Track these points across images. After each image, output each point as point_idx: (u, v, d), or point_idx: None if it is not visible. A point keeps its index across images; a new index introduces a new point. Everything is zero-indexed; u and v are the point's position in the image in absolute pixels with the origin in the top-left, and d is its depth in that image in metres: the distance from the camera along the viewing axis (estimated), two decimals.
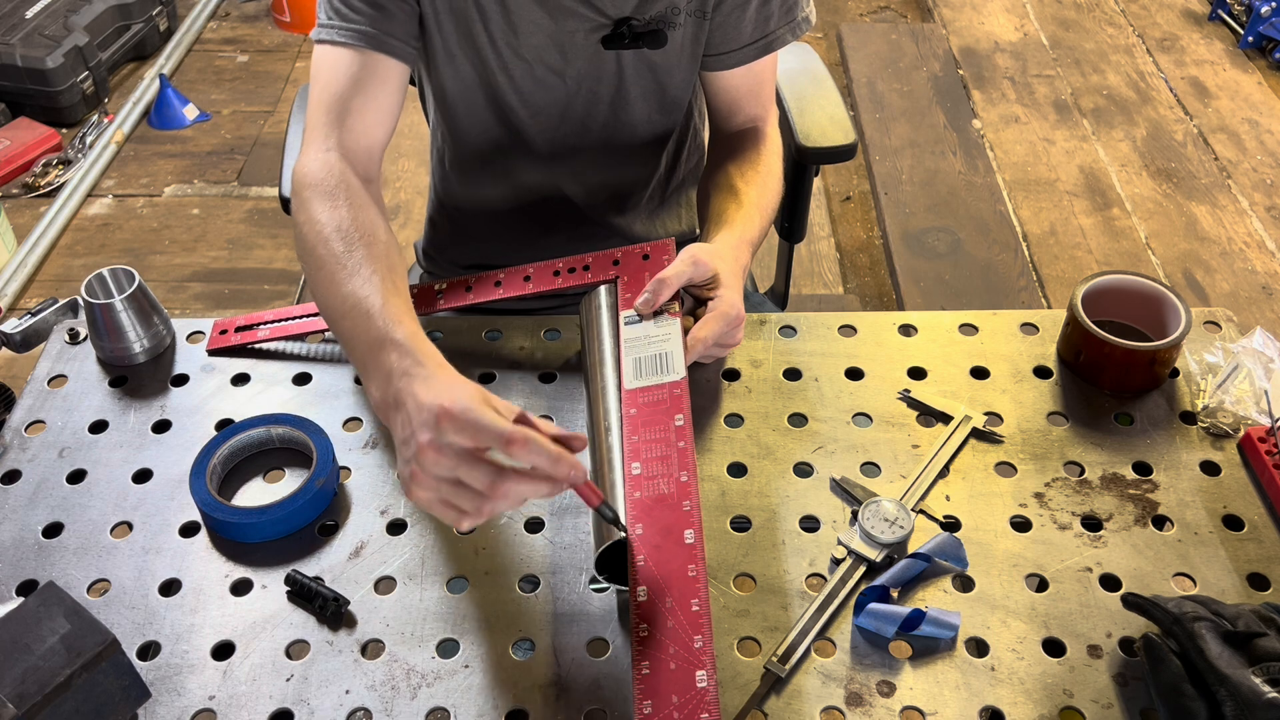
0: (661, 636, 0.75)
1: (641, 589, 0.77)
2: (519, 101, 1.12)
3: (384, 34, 1.00)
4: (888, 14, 3.55)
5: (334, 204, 0.92)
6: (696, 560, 0.78)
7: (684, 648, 0.74)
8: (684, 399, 0.88)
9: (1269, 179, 2.76)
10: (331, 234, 0.89)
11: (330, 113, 0.99)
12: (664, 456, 0.84)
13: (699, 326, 0.93)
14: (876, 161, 2.78)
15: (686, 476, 0.83)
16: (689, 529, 0.79)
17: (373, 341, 0.80)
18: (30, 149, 2.74)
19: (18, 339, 1.04)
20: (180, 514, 0.89)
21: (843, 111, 1.35)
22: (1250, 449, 0.94)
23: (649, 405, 0.88)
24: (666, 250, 1.01)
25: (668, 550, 0.79)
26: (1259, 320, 2.34)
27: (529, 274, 1.04)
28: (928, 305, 2.35)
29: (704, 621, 0.75)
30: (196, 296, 2.42)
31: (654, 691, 0.72)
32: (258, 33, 3.36)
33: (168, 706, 0.77)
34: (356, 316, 0.83)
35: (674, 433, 0.86)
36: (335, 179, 0.94)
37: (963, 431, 0.95)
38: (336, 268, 0.87)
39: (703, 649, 0.73)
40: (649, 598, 0.77)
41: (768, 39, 1.12)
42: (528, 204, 1.23)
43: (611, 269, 1.02)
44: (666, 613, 0.75)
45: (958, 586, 0.85)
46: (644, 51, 1.09)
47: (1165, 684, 0.75)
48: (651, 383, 0.90)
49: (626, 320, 0.96)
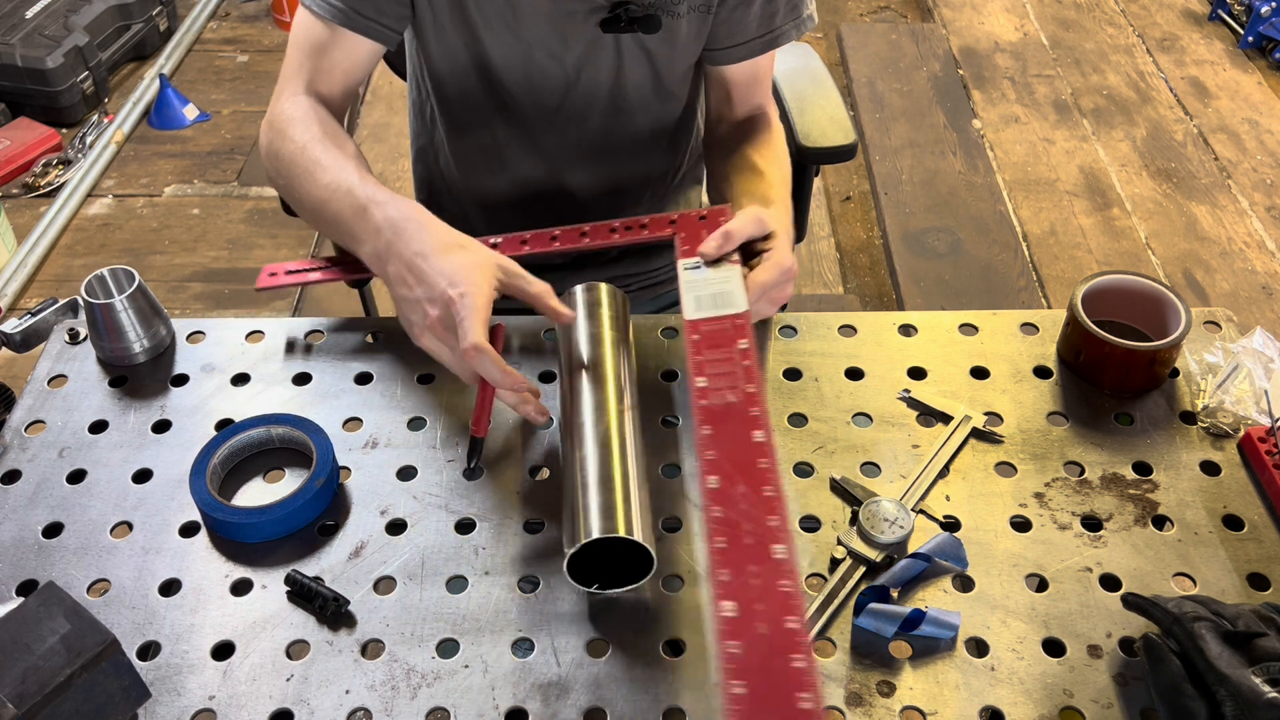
0: (735, 516, 0.76)
1: (713, 478, 0.79)
2: (517, 86, 1.12)
3: (354, 11, 1.04)
4: (888, 14, 3.55)
5: (307, 125, 1.02)
6: (768, 454, 0.80)
7: (759, 525, 0.75)
8: (747, 327, 0.90)
9: (1269, 179, 2.76)
10: (307, 144, 1.00)
11: (300, 71, 1.07)
12: (728, 373, 0.86)
13: (756, 272, 0.95)
14: (876, 161, 2.78)
15: (754, 388, 0.85)
16: (758, 430, 0.82)
17: (356, 209, 0.92)
18: (30, 149, 2.74)
19: (18, 339, 1.04)
20: (180, 514, 0.89)
21: (843, 111, 1.35)
22: (1250, 449, 0.94)
23: (712, 332, 0.91)
24: (723, 214, 1.03)
25: (739, 448, 0.81)
26: (1259, 320, 2.34)
27: (585, 231, 1.07)
28: (928, 305, 2.36)
29: (778, 504, 0.76)
30: (196, 296, 2.42)
31: (730, 562, 0.73)
32: (258, 33, 3.36)
33: (168, 706, 0.77)
34: (338, 196, 0.94)
35: (738, 354, 0.88)
36: (305, 110, 1.04)
37: (963, 431, 0.95)
38: (314, 168, 0.98)
39: (779, 527, 0.75)
40: (720, 485, 0.78)
41: (773, 34, 1.13)
42: (526, 197, 1.22)
43: (668, 227, 1.04)
44: (739, 497, 0.77)
45: (958, 586, 0.85)
46: (642, 40, 1.09)
47: (1165, 684, 0.75)
48: (712, 314, 0.92)
49: (686, 266, 0.98)
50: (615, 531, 0.79)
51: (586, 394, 0.90)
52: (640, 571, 0.82)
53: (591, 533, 0.79)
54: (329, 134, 1.02)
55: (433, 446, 0.95)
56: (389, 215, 0.91)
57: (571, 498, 0.83)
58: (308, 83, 1.07)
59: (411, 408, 0.98)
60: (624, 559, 0.82)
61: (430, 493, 0.91)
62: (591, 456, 0.85)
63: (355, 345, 1.05)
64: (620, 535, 0.79)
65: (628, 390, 0.91)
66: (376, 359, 1.03)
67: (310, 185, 0.98)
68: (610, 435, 0.86)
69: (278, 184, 1.06)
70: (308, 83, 1.07)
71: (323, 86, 1.08)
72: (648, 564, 0.81)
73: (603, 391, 0.90)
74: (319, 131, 1.01)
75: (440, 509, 0.90)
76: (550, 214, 1.24)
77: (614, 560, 0.82)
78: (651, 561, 0.81)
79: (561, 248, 1.06)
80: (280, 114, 1.05)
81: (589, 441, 0.86)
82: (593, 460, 0.84)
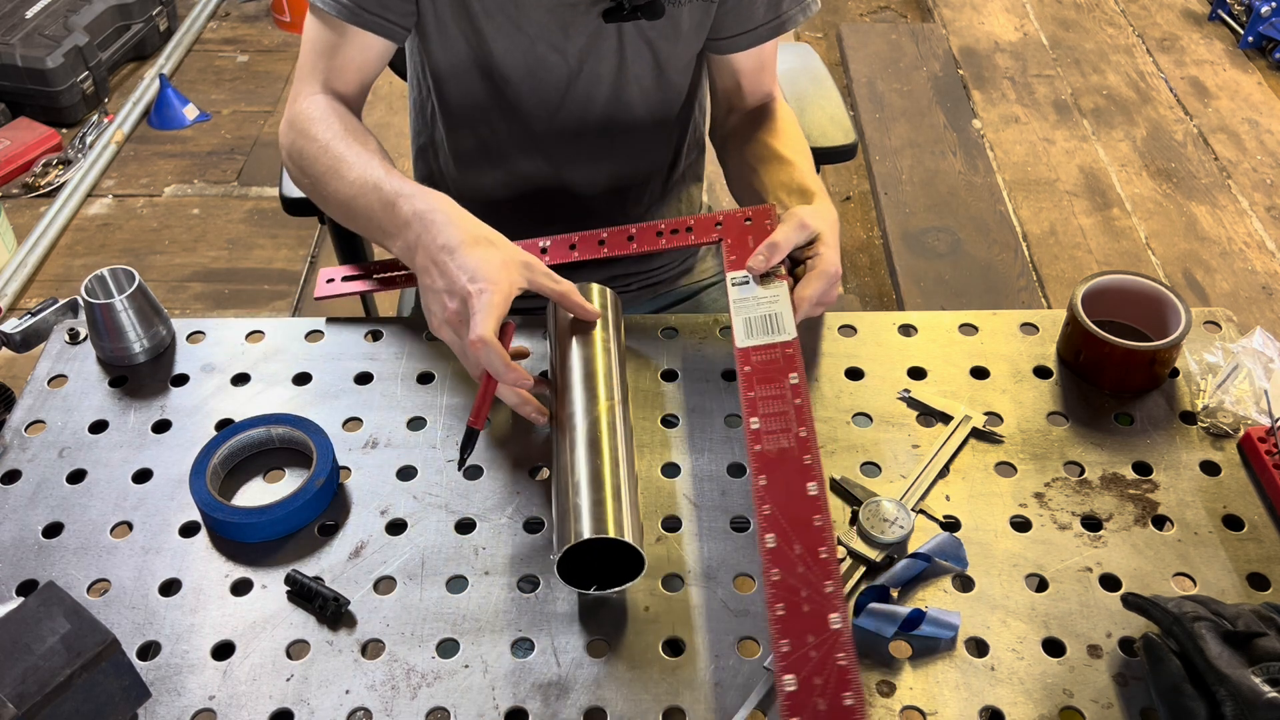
0: (793, 581, 0.77)
1: (770, 536, 0.80)
2: (519, 81, 1.12)
3: (361, 8, 1.05)
4: (888, 14, 3.55)
5: (328, 123, 1.03)
6: (822, 510, 0.81)
7: (816, 591, 0.76)
8: (796, 358, 0.91)
9: (1269, 179, 2.76)
10: (329, 141, 1.01)
11: (315, 72, 1.08)
12: (781, 413, 0.87)
13: (802, 285, 0.96)
14: (876, 161, 2.78)
15: (805, 432, 0.86)
16: (812, 482, 0.82)
17: (385, 204, 0.93)
18: (30, 149, 2.74)
19: (18, 339, 1.04)
20: (180, 514, 0.89)
21: (843, 111, 1.35)
22: (1250, 449, 0.94)
23: (763, 364, 0.92)
24: (768, 215, 1.04)
25: (793, 502, 0.81)
26: (1259, 320, 2.34)
27: (632, 234, 1.07)
28: (928, 305, 2.36)
29: (832, 568, 0.77)
30: (196, 296, 2.42)
31: (790, 631, 0.75)
32: (258, 33, 3.36)
33: (168, 706, 0.77)
34: (366, 192, 0.95)
35: (789, 390, 0.89)
36: (324, 108, 1.05)
37: (963, 431, 0.95)
38: (339, 165, 0.99)
39: (834, 594, 0.76)
40: (777, 545, 0.79)
41: (780, 19, 1.13)
42: (527, 194, 1.22)
43: (714, 230, 1.05)
44: (796, 559, 0.78)
45: (958, 586, 0.85)
46: (645, 30, 1.09)
47: (1165, 684, 0.75)
48: (763, 342, 0.93)
49: (734, 282, 0.99)
50: (605, 533, 0.79)
51: (576, 394, 0.90)
52: (631, 571, 0.82)
53: (582, 534, 0.79)
54: (350, 130, 1.02)
55: (433, 446, 0.95)
56: (417, 208, 0.92)
57: (560, 500, 0.83)
58: (323, 82, 1.08)
59: (411, 408, 0.98)
60: (615, 559, 0.82)
61: (430, 493, 0.91)
62: (581, 458, 0.85)
63: (355, 345, 1.05)
64: (610, 536, 0.79)
65: (617, 390, 0.91)
66: (376, 359, 1.03)
67: (337, 183, 0.99)
68: (600, 436, 0.86)
69: (303, 184, 1.06)
70: (323, 82, 1.08)
71: (338, 85, 1.08)
72: (638, 564, 0.81)
73: (592, 392, 0.90)
74: (340, 128, 1.02)
75: (440, 509, 0.90)
76: (551, 212, 1.24)
77: (605, 560, 0.82)
78: (641, 561, 0.81)
79: (610, 253, 1.06)
80: (300, 114, 1.05)
81: (579, 443, 0.86)
82: (582, 462, 0.84)
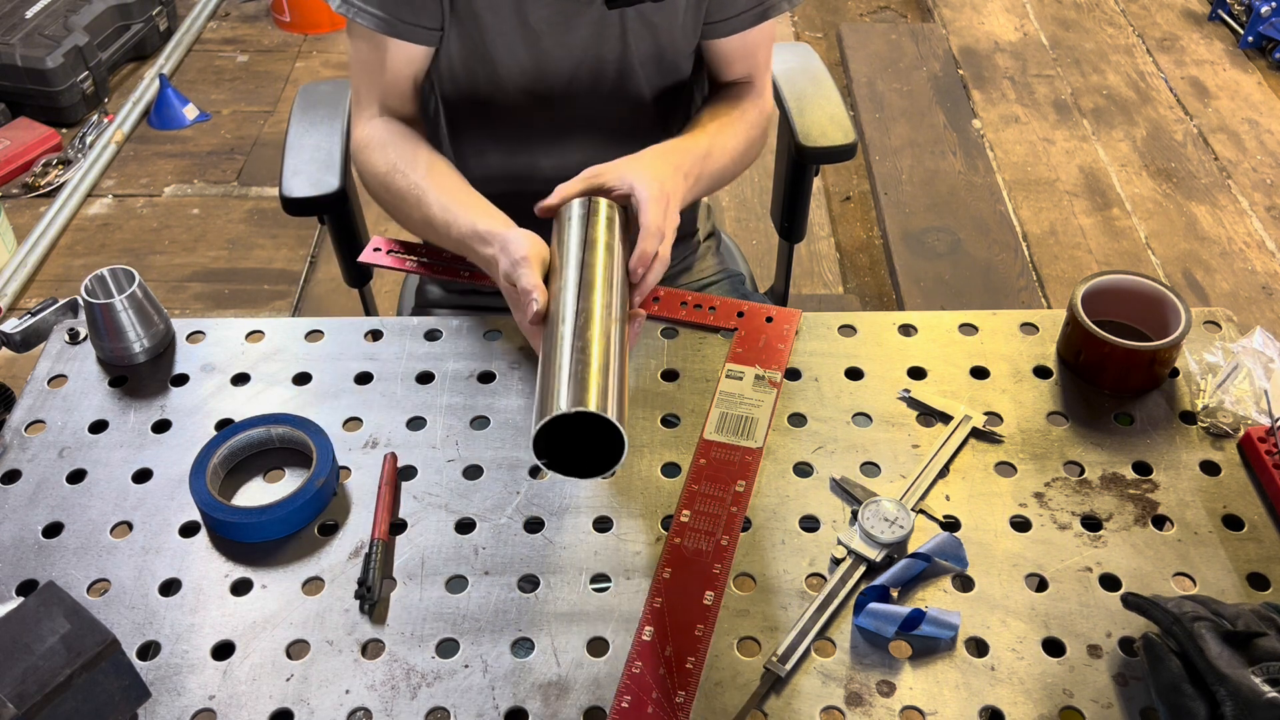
0: (650, 680, 0.78)
1: (649, 629, 0.81)
2: (524, 76, 1.12)
3: (396, 19, 1.06)
4: (888, 14, 3.55)
5: (384, 152, 1.08)
6: (708, 622, 0.81)
7: (666, 698, 0.77)
8: (754, 466, 0.92)
9: (1269, 179, 2.76)
10: (389, 174, 1.07)
11: (369, 94, 1.13)
12: (714, 515, 0.89)
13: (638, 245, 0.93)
14: (876, 161, 2.78)
15: (727, 542, 0.87)
16: (710, 591, 0.83)
17: (465, 238, 0.99)
18: (30, 149, 2.74)
19: (18, 339, 1.04)
20: (180, 514, 0.89)
21: (843, 111, 1.35)
22: (1250, 449, 0.94)
23: (719, 462, 0.93)
24: (790, 319, 1.06)
25: (685, 603, 0.83)
26: (1259, 320, 2.34)
27: (658, 295, 1.09)
28: (928, 305, 2.36)
29: (692, 681, 0.78)
30: (196, 296, 2.42)
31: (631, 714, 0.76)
32: (258, 33, 3.36)
33: (168, 706, 0.77)
34: (446, 228, 1.02)
35: (731, 496, 0.90)
36: (379, 136, 1.10)
37: (963, 431, 0.95)
38: (409, 197, 1.05)
39: (683, 705, 0.77)
40: (652, 639, 0.80)
41: (764, 7, 1.13)
42: (530, 191, 1.22)
43: (734, 319, 1.07)
44: (662, 660, 0.79)
45: (958, 586, 0.85)
46: (647, 15, 1.10)
47: (1165, 684, 0.75)
48: (729, 440, 0.95)
49: (729, 374, 1.00)
50: (585, 406, 0.75)
51: (571, 288, 0.86)
52: (611, 460, 0.78)
53: (560, 407, 0.75)
54: (404, 158, 1.07)
55: (433, 446, 0.95)
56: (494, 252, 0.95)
57: (545, 373, 0.79)
58: (379, 104, 1.12)
59: (411, 408, 0.98)
60: (597, 443, 0.78)
61: (430, 493, 0.91)
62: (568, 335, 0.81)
63: (355, 345, 1.05)
64: (591, 411, 0.75)
65: (616, 288, 0.88)
66: (376, 359, 1.03)
67: (414, 211, 1.05)
68: (592, 321, 0.82)
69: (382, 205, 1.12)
70: (379, 104, 1.12)
71: (392, 101, 1.12)
72: (619, 449, 0.77)
73: (590, 286, 0.86)
74: (394, 159, 1.07)
75: (440, 509, 0.90)
76: None
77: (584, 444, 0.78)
78: (622, 445, 0.76)
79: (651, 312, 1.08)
80: (357, 141, 1.12)
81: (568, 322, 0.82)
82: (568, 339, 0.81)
